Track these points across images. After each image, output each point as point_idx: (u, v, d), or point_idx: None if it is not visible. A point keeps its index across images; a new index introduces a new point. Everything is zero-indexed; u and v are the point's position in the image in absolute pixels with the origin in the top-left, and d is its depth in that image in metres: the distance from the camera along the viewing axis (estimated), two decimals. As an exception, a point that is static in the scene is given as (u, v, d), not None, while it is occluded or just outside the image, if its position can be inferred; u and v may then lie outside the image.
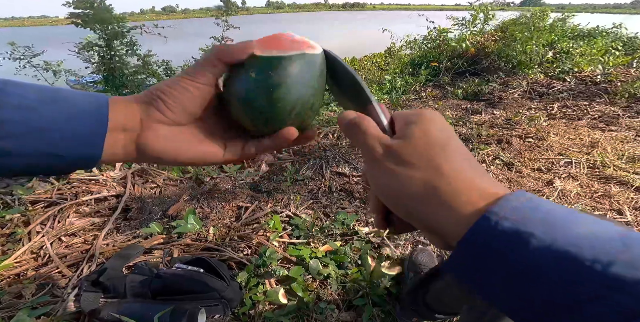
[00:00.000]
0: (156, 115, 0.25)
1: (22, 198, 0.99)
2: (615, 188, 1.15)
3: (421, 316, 0.66)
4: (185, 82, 0.25)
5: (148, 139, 0.25)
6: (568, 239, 0.16)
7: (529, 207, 0.18)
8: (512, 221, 0.17)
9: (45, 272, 0.76)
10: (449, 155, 0.21)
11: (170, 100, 0.25)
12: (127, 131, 0.24)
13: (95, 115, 0.23)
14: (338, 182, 1.16)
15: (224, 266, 0.73)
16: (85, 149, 0.23)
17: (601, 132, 1.60)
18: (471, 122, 1.74)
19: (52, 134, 0.21)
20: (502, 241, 0.17)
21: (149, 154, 0.25)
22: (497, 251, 0.17)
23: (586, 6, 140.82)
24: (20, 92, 0.21)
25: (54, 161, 0.22)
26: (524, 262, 0.16)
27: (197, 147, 0.27)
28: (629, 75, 2.46)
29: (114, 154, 0.24)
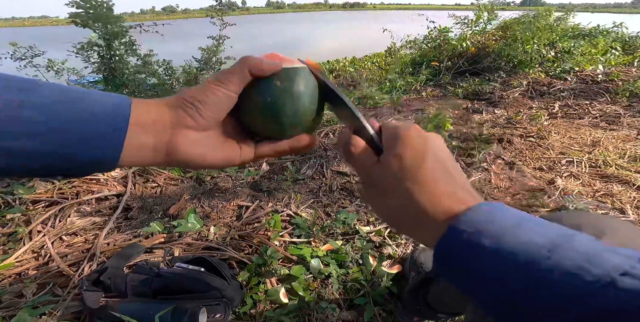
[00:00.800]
0: (187, 121, 0.25)
1: (23, 197, 0.99)
2: (617, 187, 1.14)
3: (422, 316, 0.65)
4: (218, 89, 0.26)
5: (179, 143, 0.25)
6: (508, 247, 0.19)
7: (484, 220, 0.21)
8: (468, 234, 0.21)
9: (46, 271, 0.76)
10: (419, 179, 0.24)
11: (203, 107, 0.25)
12: (158, 134, 0.25)
13: (115, 116, 0.23)
14: (339, 181, 1.16)
15: (224, 265, 0.73)
16: (103, 150, 0.23)
17: (603, 131, 1.60)
18: (472, 122, 1.73)
19: (71, 134, 0.21)
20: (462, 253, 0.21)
21: (179, 158, 0.26)
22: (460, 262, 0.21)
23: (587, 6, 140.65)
24: (44, 92, 0.21)
25: (72, 163, 0.22)
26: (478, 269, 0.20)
27: (220, 151, 0.28)
28: (630, 75, 2.45)
29: (141, 156, 0.24)
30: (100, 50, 2.04)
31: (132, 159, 0.24)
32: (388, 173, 0.25)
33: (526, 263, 0.18)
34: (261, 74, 0.26)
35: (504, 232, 0.20)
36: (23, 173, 0.22)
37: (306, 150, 0.31)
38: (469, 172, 1.25)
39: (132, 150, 0.24)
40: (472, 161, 1.32)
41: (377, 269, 0.78)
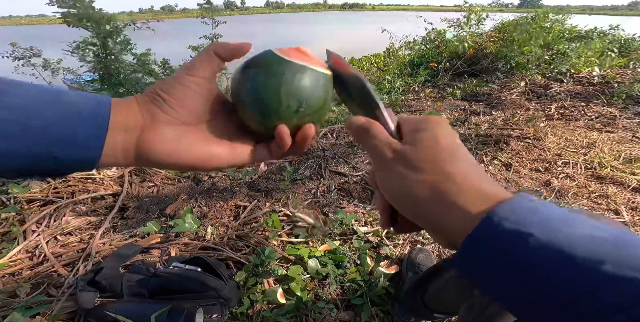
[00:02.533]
0: (160, 116, 0.24)
1: (18, 197, 0.98)
2: (612, 188, 1.15)
3: (419, 315, 0.65)
4: (183, 78, 0.24)
5: (148, 141, 0.24)
6: (563, 240, 0.17)
7: (528, 209, 0.19)
8: (512, 222, 0.18)
9: (40, 271, 0.75)
10: (456, 162, 0.22)
11: (171, 98, 0.24)
12: (127, 133, 0.23)
13: (95, 116, 0.22)
14: (337, 181, 1.16)
15: (222, 265, 0.73)
16: (83, 151, 0.22)
17: (598, 133, 1.61)
18: (470, 123, 1.74)
19: (49, 135, 0.21)
20: (503, 240, 0.18)
21: (149, 157, 0.24)
22: (498, 249, 0.19)
23: (584, 8, 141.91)
24: (19, 92, 0.21)
25: (50, 163, 0.22)
26: (523, 261, 0.18)
27: (201, 150, 0.25)
28: (626, 77, 2.48)
29: (115, 157, 0.23)
30: (95, 49, 2.03)
31: (108, 160, 0.23)
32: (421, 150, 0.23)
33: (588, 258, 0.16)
34: (227, 55, 0.25)
35: (555, 223, 0.18)
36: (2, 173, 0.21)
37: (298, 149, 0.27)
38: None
39: (108, 149, 0.23)
40: (470, 162, 1.32)
41: (375, 270, 0.78)
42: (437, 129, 0.24)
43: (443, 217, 0.22)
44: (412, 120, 0.25)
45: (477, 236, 0.19)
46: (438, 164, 0.22)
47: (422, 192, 0.22)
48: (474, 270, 0.20)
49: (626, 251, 0.16)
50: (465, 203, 0.21)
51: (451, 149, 0.23)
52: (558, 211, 0.19)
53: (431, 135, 0.23)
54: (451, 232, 0.21)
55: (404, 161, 0.23)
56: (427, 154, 0.23)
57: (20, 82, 0.22)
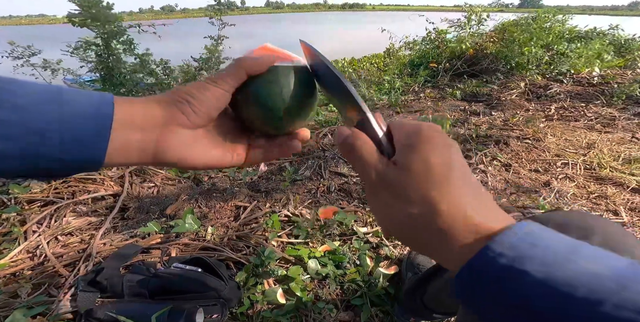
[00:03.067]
0: (179, 118, 0.25)
1: (19, 197, 0.98)
2: (612, 189, 1.15)
3: (419, 316, 0.66)
4: (210, 87, 0.26)
5: (168, 142, 0.25)
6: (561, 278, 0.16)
7: (527, 243, 0.18)
8: (508, 259, 0.17)
9: (41, 271, 0.76)
10: (446, 188, 0.20)
11: (197, 104, 0.25)
12: (145, 132, 0.24)
13: (97, 116, 0.22)
14: (337, 182, 1.16)
15: (222, 266, 0.73)
16: (87, 151, 0.22)
17: (598, 133, 1.61)
18: (469, 123, 1.75)
19: (51, 135, 0.21)
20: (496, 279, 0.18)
21: (167, 157, 0.25)
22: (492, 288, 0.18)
23: (584, 8, 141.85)
24: (21, 92, 0.20)
25: (54, 164, 0.21)
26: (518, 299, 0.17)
27: (212, 152, 0.27)
28: (625, 77, 2.48)
29: (127, 156, 0.24)
30: (97, 50, 2.03)
31: (117, 160, 0.23)
32: (408, 177, 0.21)
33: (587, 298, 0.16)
34: (254, 72, 0.27)
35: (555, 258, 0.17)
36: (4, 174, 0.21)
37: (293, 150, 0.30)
38: (465, 174, 1.25)
39: (118, 150, 0.23)
40: (469, 163, 1.33)
41: (374, 270, 0.78)
42: (430, 146, 0.21)
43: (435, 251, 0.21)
44: (404, 129, 0.23)
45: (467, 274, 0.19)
46: (427, 194, 0.20)
47: (411, 226, 0.21)
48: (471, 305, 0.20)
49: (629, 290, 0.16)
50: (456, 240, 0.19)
51: (443, 174, 0.20)
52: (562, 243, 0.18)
53: (421, 156, 0.21)
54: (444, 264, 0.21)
55: (391, 189, 0.21)
56: (416, 182, 0.20)
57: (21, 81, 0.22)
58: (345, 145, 0.24)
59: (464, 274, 0.19)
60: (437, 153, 0.21)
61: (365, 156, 0.23)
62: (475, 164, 1.31)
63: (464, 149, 1.42)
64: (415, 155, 0.21)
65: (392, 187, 0.21)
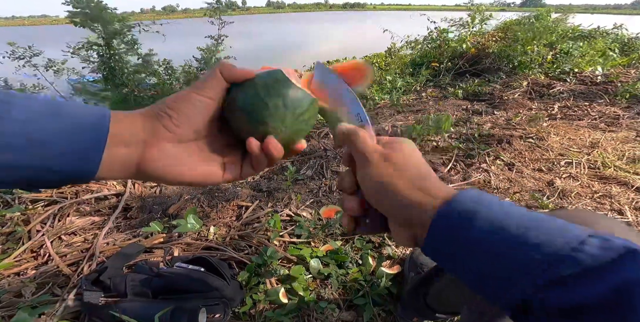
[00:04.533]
0: (162, 132, 0.24)
1: (22, 197, 0.99)
2: (616, 188, 1.15)
3: (422, 316, 0.65)
4: (192, 96, 0.25)
5: (152, 157, 0.24)
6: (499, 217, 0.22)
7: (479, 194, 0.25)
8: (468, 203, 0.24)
9: (45, 271, 0.76)
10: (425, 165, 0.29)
11: (177, 115, 0.25)
12: (129, 147, 0.24)
13: (94, 129, 0.22)
14: (338, 181, 1.16)
15: (224, 265, 0.73)
16: (81, 164, 0.22)
17: (602, 132, 1.60)
18: (472, 123, 1.74)
19: (50, 148, 0.21)
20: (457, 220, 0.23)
21: (150, 173, 0.25)
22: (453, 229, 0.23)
23: (587, 7, 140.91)
24: (25, 104, 0.21)
25: (48, 176, 0.22)
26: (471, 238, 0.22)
27: (199, 167, 0.27)
28: (629, 76, 2.46)
29: (110, 170, 0.23)
30: (99, 50, 2.04)
31: (103, 174, 0.23)
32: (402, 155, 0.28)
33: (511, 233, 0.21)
34: (234, 79, 0.26)
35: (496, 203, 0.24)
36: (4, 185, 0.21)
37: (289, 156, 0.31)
38: (468, 173, 1.25)
39: (105, 163, 0.23)
40: (472, 162, 1.32)
41: (377, 270, 0.78)
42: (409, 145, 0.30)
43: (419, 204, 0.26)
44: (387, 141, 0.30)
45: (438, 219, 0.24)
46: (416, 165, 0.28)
47: (403, 184, 0.26)
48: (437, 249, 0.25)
49: (543, 223, 0.22)
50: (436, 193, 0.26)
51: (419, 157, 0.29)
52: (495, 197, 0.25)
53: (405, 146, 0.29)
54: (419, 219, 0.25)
55: (389, 160, 0.28)
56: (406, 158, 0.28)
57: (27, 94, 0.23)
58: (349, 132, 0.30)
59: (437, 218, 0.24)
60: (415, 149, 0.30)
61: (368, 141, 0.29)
62: (478, 163, 1.30)
63: (466, 148, 1.42)
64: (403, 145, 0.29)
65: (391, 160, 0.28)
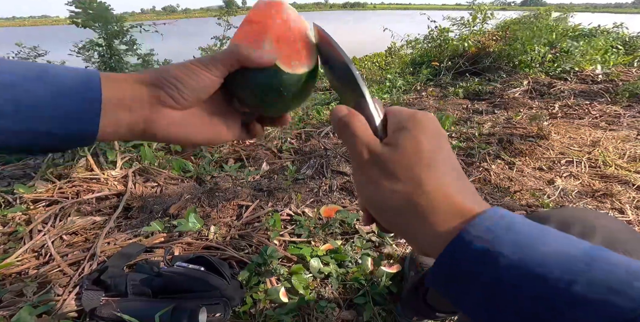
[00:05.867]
0: (167, 101, 0.25)
1: (24, 197, 0.99)
2: (617, 187, 1.14)
3: (422, 315, 0.66)
4: (200, 72, 0.25)
5: (158, 123, 0.25)
6: (535, 259, 0.17)
7: (501, 227, 0.18)
8: (484, 241, 0.18)
9: (46, 270, 0.76)
10: (433, 170, 0.21)
11: (184, 88, 0.25)
12: (133, 112, 0.24)
13: (85, 91, 0.22)
14: (339, 181, 1.16)
15: (225, 265, 0.73)
16: (79, 125, 0.22)
17: (602, 131, 1.60)
18: (472, 122, 1.74)
19: (42, 111, 0.21)
20: (474, 261, 0.18)
21: (158, 136, 0.26)
22: (469, 270, 0.18)
23: (587, 6, 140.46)
24: (9, 69, 0.21)
25: (49, 139, 0.22)
26: (494, 281, 0.17)
27: (203, 129, 0.28)
28: (630, 75, 2.45)
29: (117, 132, 0.24)
30: (100, 50, 2.04)
31: (108, 135, 0.24)
32: (399, 155, 0.21)
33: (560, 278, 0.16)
34: (249, 66, 0.26)
35: (528, 241, 0.18)
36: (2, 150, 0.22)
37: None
38: (469, 172, 1.25)
39: (109, 126, 0.23)
40: (472, 161, 1.32)
41: (377, 269, 0.78)
42: (422, 130, 0.22)
43: (414, 232, 0.21)
44: (399, 115, 0.23)
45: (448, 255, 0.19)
46: (413, 172, 0.21)
47: (395, 203, 0.21)
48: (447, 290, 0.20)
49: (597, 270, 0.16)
50: (437, 220, 0.20)
51: (431, 156, 0.21)
52: (532, 227, 0.19)
53: (413, 136, 0.21)
54: (424, 247, 0.21)
55: (380, 165, 0.22)
56: (404, 160, 0.21)
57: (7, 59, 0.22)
58: (340, 122, 0.24)
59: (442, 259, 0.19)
60: (429, 137, 0.22)
61: (359, 134, 0.23)
62: (479, 163, 1.30)
63: (466, 147, 1.42)
64: (408, 137, 0.21)
65: (382, 164, 0.22)
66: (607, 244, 0.32)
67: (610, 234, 0.33)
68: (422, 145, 0.21)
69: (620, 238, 0.32)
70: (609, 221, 0.36)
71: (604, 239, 0.32)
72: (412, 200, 0.20)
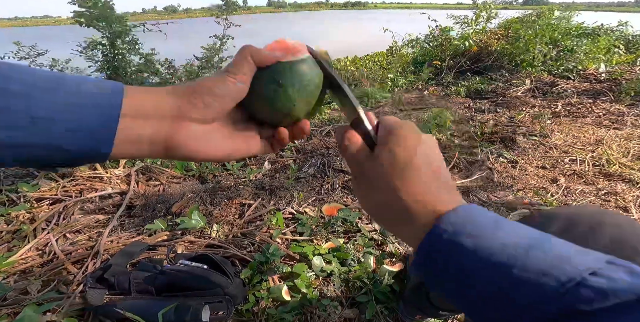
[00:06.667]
0: (191, 113, 0.24)
1: (28, 195, 1.00)
2: (621, 186, 1.14)
3: (424, 313, 0.65)
4: (228, 80, 0.25)
5: (180, 137, 0.24)
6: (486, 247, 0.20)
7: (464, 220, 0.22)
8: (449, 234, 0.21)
9: (50, 268, 0.77)
10: (406, 178, 0.24)
11: (213, 99, 0.24)
12: (155, 126, 0.23)
13: (104, 106, 0.21)
14: (341, 179, 1.16)
15: (227, 263, 0.73)
16: (92, 143, 0.21)
17: (606, 129, 1.59)
18: (474, 121, 1.73)
19: (54, 125, 0.20)
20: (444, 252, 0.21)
21: (179, 152, 0.25)
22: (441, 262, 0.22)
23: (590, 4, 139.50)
24: (25, 78, 0.20)
25: (60, 154, 0.21)
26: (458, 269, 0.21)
27: (224, 144, 0.27)
28: (633, 73, 2.44)
29: (138, 149, 0.23)
30: (104, 49, 2.05)
31: (127, 152, 0.23)
32: (378, 168, 0.24)
33: (502, 262, 0.19)
34: (262, 64, 0.26)
35: (483, 232, 0.21)
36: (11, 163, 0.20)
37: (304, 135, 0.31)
38: (471, 171, 1.24)
39: (127, 142, 0.22)
40: (475, 160, 1.32)
41: (379, 267, 0.78)
42: (397, 142, 0.24)
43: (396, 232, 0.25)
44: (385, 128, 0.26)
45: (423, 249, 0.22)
46: (389, 180, 0.24)
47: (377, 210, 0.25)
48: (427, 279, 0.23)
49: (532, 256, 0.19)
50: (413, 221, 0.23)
51: (404, 166, 0.24)
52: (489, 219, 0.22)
53: (389, 151, 0.24)
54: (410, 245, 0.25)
55: (364, 178, 0.25)
56: (382, 172, 0.24)
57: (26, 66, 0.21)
58: (339, 144, 0.28)
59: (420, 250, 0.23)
60: (403, 147, 0.24)
61: (352, 150, 0.26)
62: (481, 161, 1.30)
63: (469, 145, 1.41)
64: (385, 150, 0.24)
65: (367, 177, 0.25)
66: (615, 241, 0.31)
67: (617, 231, 0.33)
68: (397, 157, 0.24)
69: (627, 235, 0.32)
70: (617, 218, 0.35)
71: (611, 236, 0.32)
72: (389, 207, 0.24)
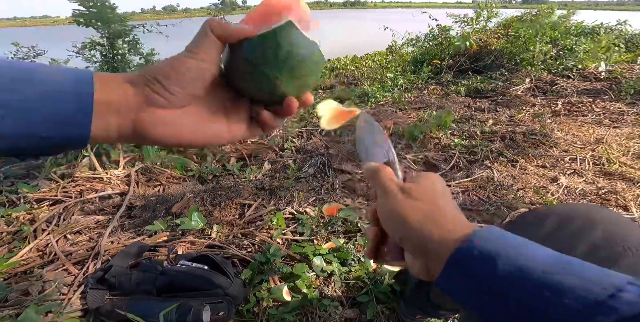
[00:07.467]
0: (155, 99, 0.23)
1: (28, 196, 1.00)
2: (621, 184, 1.14)
3: (425, 313, 0.65)
4: (187, 61, 0.23)
5: (146, 124, 0.23)
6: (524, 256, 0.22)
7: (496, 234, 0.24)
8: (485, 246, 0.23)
9: (51, 269, 0.77)
10: (444, 199, 0.30)
11: (168, 83, 0.23)
12: (121, 114, 0.23)
13: (76, 93, 0.21)
14: (341, 179, 1.16)
15: (228, 263, 0.73)
16: (71, 129, 0.21)
17: (606, 128, 1.59)
18: (474, 120, 1.73)
19: (31, 114, 0.20)
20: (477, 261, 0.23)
21: (145, 137, 0.24)
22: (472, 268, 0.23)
23: (589, 3, 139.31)
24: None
25: (39, 143, 0.21)
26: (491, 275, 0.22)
27: (201, 129, 0.26)
28: (633, 72, 2.44)
29: (108, 136, 0.23)
30: (102, 50, 2.04)
31: (100, 139, 0.23)
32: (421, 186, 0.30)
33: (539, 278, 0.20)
34: (230, 40, 0.24)
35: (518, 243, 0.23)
36: None
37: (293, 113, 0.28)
38: (471, 170, 1.24)
39: (99, 129, 0.22)
40: (475, 159, 1.32)
41: (380, 267, 0.78)
42: (433, 178, 0.32)
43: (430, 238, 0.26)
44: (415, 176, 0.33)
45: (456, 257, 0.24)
46: (431, 197, 0.29)
47: (416, 215, 0.27)
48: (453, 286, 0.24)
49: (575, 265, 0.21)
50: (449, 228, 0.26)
51: (441, 191, 0.30)
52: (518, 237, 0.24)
53: (427, 179, 0.31)
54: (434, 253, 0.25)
55: (407, 193, 0.30)
56: (424, 190, 0.30)
57: None
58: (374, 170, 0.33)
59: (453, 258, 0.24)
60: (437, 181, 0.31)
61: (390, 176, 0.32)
62: (481, 161, 1.30)
63: (469, 145, 1.41)
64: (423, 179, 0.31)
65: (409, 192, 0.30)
66: (607, 238, 0.31)
67: (610, 228, 0.33)
68: (436, 185, 0.31)
69: (620, 233, 0.32)
70: (610, 215, 0.35)
71: (603, 232, 0.32)
72: (430, 213, 0.28)
